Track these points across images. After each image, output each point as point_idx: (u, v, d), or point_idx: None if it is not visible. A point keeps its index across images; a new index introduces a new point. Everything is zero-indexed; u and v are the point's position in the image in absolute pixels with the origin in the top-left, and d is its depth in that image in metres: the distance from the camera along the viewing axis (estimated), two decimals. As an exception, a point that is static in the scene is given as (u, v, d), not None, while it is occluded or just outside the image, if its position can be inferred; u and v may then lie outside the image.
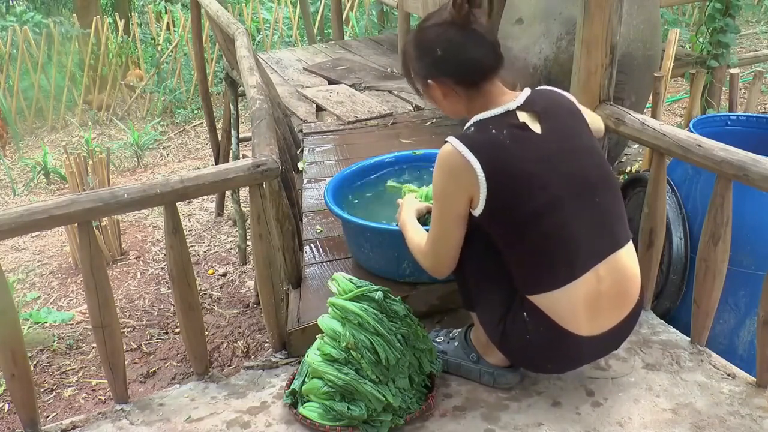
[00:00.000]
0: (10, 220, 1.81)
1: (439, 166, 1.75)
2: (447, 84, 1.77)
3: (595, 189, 1.78)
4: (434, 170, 1.78)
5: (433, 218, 1.84)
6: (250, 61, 2.98)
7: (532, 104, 1.78)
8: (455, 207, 1.76)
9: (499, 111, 1.76)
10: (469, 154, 1.68)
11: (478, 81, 1.76)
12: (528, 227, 1.72)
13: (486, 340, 1.99)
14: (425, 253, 1.90)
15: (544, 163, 1.72)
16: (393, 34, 6.20)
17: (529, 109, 1.77)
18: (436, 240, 1.85)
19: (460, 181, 1.71)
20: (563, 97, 1.88)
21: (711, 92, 4.32)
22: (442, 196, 1.78)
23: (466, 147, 1.69)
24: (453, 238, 1.82)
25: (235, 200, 4.95)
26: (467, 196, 1.73)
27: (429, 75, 1.79)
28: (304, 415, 1.91)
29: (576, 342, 1.81)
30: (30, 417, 2.00)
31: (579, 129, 1.84)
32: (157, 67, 8.32)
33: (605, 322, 1.83)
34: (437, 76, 1.77)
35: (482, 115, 1.77)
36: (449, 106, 1.84)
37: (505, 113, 1.75)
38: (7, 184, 6.70)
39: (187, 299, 2.08)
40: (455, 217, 1.78)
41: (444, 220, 1.80)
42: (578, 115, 1.87)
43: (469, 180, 1.70)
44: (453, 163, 1.71)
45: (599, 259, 1.77)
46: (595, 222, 1.77)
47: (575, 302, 1.76)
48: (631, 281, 1.84)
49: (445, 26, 1.74)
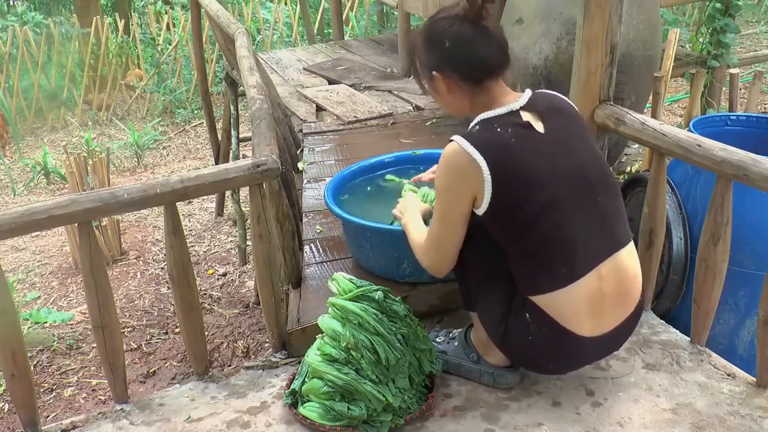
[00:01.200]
0: (10, 220, 1.81)
1: (445, 165, 1.75)
2: (452, 78, 1.77)
3: (596, 189, 1.78)
4: (438, 169, 1.78)
5: (435, 217, 1.83)
6: (250, 61, 2.98)
7: (535, 104, 1.79)
8: (459, 206, 1.76)
9: (504, 110, 1.76)
10: (475, 152, 1.68)
11: (483, 78, 1.76)
12: (529, 227, 1.72)
13: (486, 339, 1.99)
14: (426, 252, 1.90)
15: (546, 162, 1.72)
16: (393, 34, 6.20)
17: (532, 109, 1.78)
18: (439, 239, 1.85)
19: (465, 180, 1.71)
20: (564, 100, 1.89)
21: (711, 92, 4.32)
22: (446, 195, 1.77)
23: (472, 145, 1.69)
24: (455, 237, 1.82)
25: (235, 200, 4.95)
26: (471, 194, 1.73)
27: (435, 67, 1.79)
28: (304, 415, 1.91)
29: (578, 342, 1.80)
30: (30, 417, 2.00)
31: (580, 130, 1.85)
32: (157, 67, 8.32)
33: (607, 322, 1.83)
34: (443, 69, 1.77)
35: (487, 114, 1.77)
36: (451, 102, 1.83)
37: (509, 113, 1.76)
38: (7, 184, 6.70)
39: (187, 299, 2.08)
40: (459, 216, 1.78)
41: (447, 218, 1.80)
42: (578, 117, 1.88)
43: (474, 178, 1.70)
44: (459, 162, 1.71)
45: (600, 259, 1.77)
46: (595, 222, 1.77)
47: (577, 303, 1.76)
48: (632, 281, 1.84)
49: (457, 20, 1.74)
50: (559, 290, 1.75)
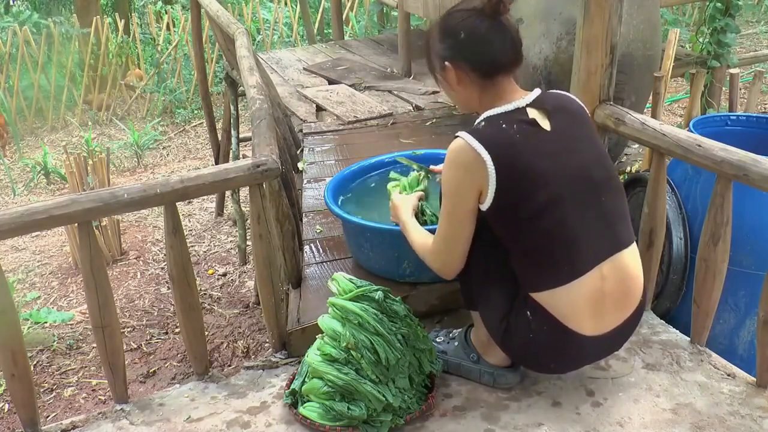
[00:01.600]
0: (10, 220, 1.81)
1: (451, 161, 1.75)
2: (463, 69, 1.78)
3: (599, 188, 1.78)
4: (444, 166, 1.78)
5: (442, 215, 1.83)
6: (250, 61, 2.98)
7: (543, 102, 1.79)
8: (466, 202, 1.76)
9: (510, 107, 1.77)
10: (480, 147, 1.69)
11: (494, 73, 1.77)
12: (531, 223, 1.73)
13: (486, 339, 1.99)
14: (435, 253, 1.89)
15: (550, 159, 1.73)
16: (393, 34, 6.19)
17: (539, 107, 1.78)
18: (448, 238, 1.84)
19: (470, 175, 1.72)
20: (573, 100, 1.89)
21: (711, 92, 4.32)
22: (454, 192, 1.77)
23: (477, 141, 1.70)
24: (464, 234, 1.82)
25: (235, 200, 4.95)
26: (477, 190, 1.73)
27: (448, 57, 1.79)
28: (304, 415, 1.91)
29: (579, 341, 1.81)
30: (30, 417, 2.00)
31: (586, 130, 1.85)
32: (157, 67, 8.31)
33: (609, 321, 1.83)
34: (455, 60, 1.78)
35: (493, 111, 1.78)
36: (460, 94, 1.84)
37: (515, 110, 1.77)
38: (7, 184, 6.69)
39: (187, 299, 2.08)
40: (466, 212, 1.78)
41: (456, 216, 1.79)
42: (586, 117, 1.88)
43: (479, 173, 1.70)
44: (464, 158, 1.72)
45: (602, 258, 1.77)
46: (598, 221, 1.77)
47: (578, 301, 1.76)
48: (634, 281, 1.84)
49: (474, 13, 1.75)
50: (560, 287, 1.75)
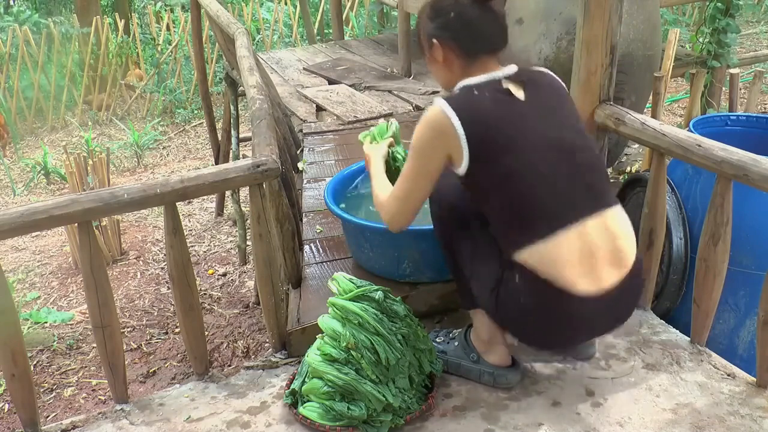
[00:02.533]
0: (10, 220, 1.81)
1: (422, 124, 1.82)
2: (450, 47, 1.85)
3: (574, 150, 1.82)
4: (416, 127, 1.84)
5: (403, 172, 1.89)
6: (250, 61, 2.98)
7: (519, 75, 1.84)
8: (431, 163, 1.83)
9: (485, 77, 1.83)
10: (451, 111, 1.76)
11: (479, 53, 1.84)
12: (504, 183, 1.77)
13: (486, 339, 1.99)
14: (388, 205, 1.94)
15: (521, 123, 1.78)
16: (393, 34, 6.19)
17: (516, 79, 1.83)
18: (404, 191, 1.89)
19: (438, 138, 1.79)
20: (551, 75, 1.93)
21: (711, 92, 4.33)
22: (420, 151, 1.83)
23: (449, 106, 1.76)
24: (421, 192, 1.88)
25: (235, 200, 4.95)
26: (445, 153, 1.79)
27: (436, 35, 1.86)
28: (304, 415, 1.91)
29: (577, 304, 1.75)
30: (30, 417, 2.00)
31: (562, 101, 1.89)
32: (157, 67, 8.31)
33: (606, 278, 1.77)
34: (443, 38, 1.85)
35: (468, 80, 1.84)
36: (445, 72, 1.90)
37: (491, 80, 1.82)
38: (7, 184, 6.69)
39: (187, 299, 2.08)
40: (428, 172, 1.84)
41: (417, 174, 1.85)
42: (563, 91, 1.92)
43: (449, 138, 1.76)
44: (435, 121, 1.79)
45: (585, 214, 1.77)
46: (574, 179, 1.79)
47: (563, 256, 1.74)
48: (623, 239, 1.82)
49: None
50: (540, 242, 1.74)
